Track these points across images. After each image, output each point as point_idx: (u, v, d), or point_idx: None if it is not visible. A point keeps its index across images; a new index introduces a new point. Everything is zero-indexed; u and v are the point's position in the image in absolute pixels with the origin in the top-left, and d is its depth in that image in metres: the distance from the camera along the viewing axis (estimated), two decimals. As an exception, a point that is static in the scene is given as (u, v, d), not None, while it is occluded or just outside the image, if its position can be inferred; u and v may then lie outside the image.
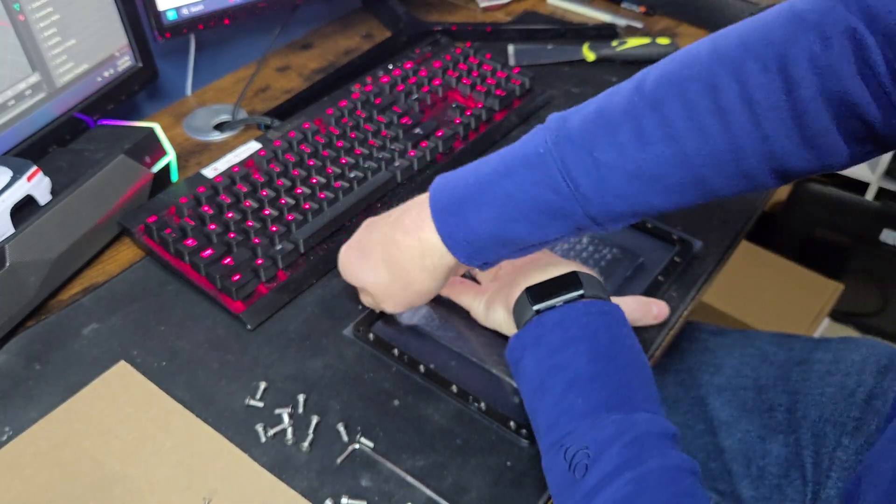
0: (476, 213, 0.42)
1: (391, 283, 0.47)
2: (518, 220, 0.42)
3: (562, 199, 0.41)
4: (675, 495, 0.36)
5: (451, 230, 0.43)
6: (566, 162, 0.40)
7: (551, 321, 0.43)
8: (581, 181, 0.40)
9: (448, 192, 0.43)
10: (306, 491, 0.43)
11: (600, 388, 0.40)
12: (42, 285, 0.52)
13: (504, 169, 0.42)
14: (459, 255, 0.43)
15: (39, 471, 0.44)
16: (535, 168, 0.41)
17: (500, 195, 0.41)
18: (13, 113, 0.57)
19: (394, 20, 0.87)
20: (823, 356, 0.61)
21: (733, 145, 0.39)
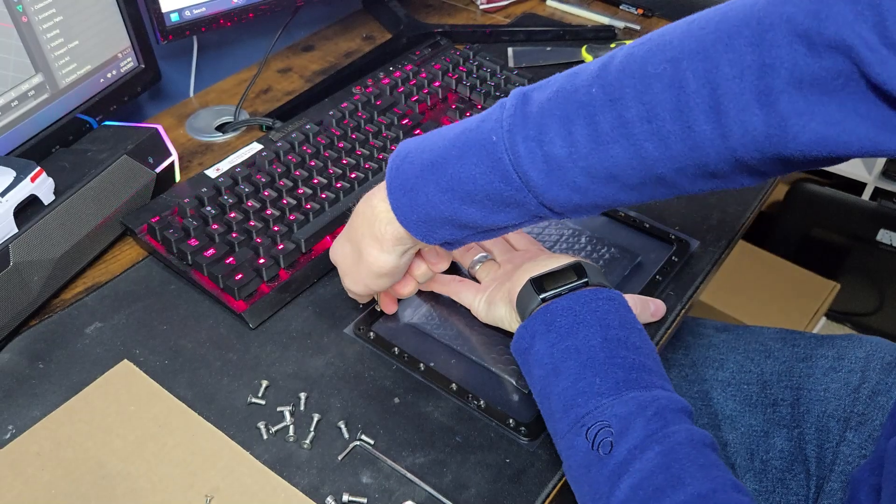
0: (427, 193, 0.41)
1: (350, 253, 0.46)
2: (470, 204, 0.40)
3: (513, 189, 0.39)
4: (703, 466, 0.36)
5: (403, 208, 0.42)
6: (517, 153, 0.38)
7: (560, 307, 0.43)
8: (532, 174, 0.39)
9: (405, 168, 0.42)
10: (307, 488, 0.43)
11: (616, 368, 0.40)
12: (45, 285, 0.53)
13: (458, 150, 0.40)
14: (415, 232, 0.42)
15: (42, 469, 0.44)
16: (487, 155, 0.39)
17: (451, 178, 0.40)
18: (16, 114, 0.58)
19: (394, 22, 0.88)
20: (827, 352, 0.62)
21: (697, 151, 0.36)
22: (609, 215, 0.61)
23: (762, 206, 0.65)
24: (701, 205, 0.63)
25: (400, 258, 0.45)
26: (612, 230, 0.60)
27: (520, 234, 0.55)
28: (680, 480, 0.35)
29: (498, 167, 0.39)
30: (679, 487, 0.35)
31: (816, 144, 0.33)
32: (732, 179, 0.38)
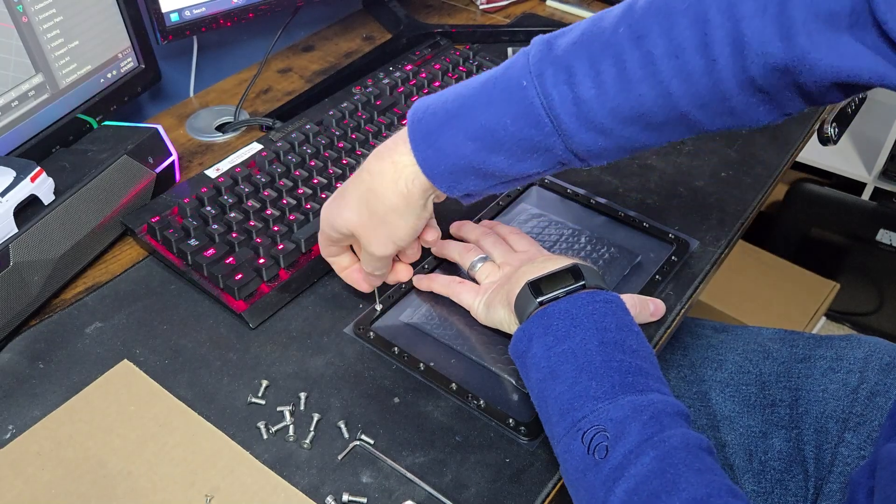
0: (454, 143, 0.41)
1: (369, 216, 0.44)
2: (497, 152, 0.41)
3: (543, 134, 0.40)
4: (699, 471, 0.36)
5: (430, 161, 0.42)
6: (549, 97, 0.39)
7: (557, 310, 0.43)
8: (563, 118, 0.39)
9: (427, 119, 0.42)
10: (307, 488, 0.43)
11: (612, 371, 0.40)
12: (45, 284, 0.53)
13: (485, 98, 0.40)
14: (440, 184, 0.43)
15: (42, 469, 0.44)
16: (516, 101, 0.40)
17: (479, 126, 0.40)
18: (17, 114, 0.58)
19: (394, 22, 0.88)
20: (826, 353, 0.62)
21: (719, 85, 0.38)
22: (609, 215, 0.61)
23: (762, 206, 0.65)
24: (701, 205, 0.63)
25: (424, 211, 0.45)
26: (612, 230, 0.60)
27: (519, 234, 0.55)
28: (675, 485, 0.35)
29: (529, 112, 0.40)
30: (674, 492, 0.35)
31: (830, 76, 0.36)
32: (750, 116, 0.40)
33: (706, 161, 0.68)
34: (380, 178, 0.44)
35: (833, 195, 1.47)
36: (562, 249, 0.58)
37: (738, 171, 0.67)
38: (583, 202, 0.63)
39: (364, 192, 0.45)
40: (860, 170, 1.49)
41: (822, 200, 1.46)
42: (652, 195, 0.64)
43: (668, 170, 0.67)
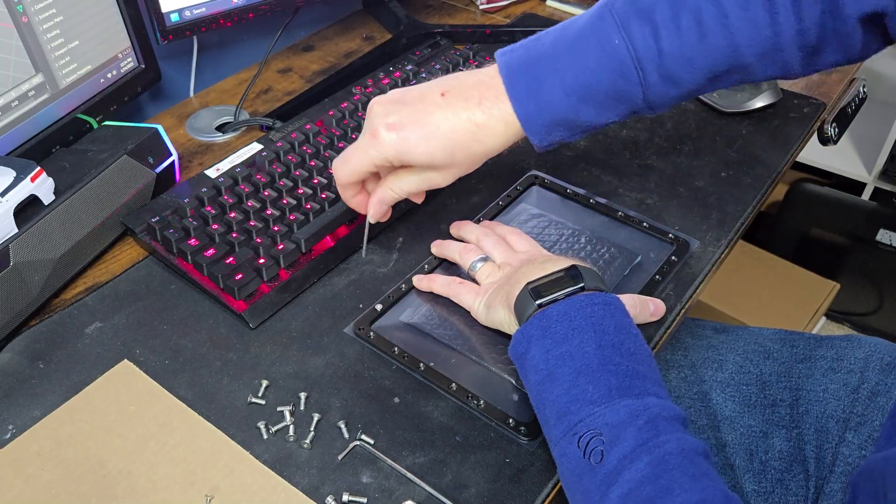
0: (552, 98, 0.44)
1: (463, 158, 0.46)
2: (589, 103, 0.45)
3: (631, 84, 0.44)
4: (694, 477, 0.36)
5: (530, 114, 0.45)
6: (637, 50, 0.43)
7: (556, 313, 0.43)
8: (648, 69, 0.44)
9: (525, 74, 0.44)
10: (307, 488, 0.43)
11: (610, 375, 0.40)
12: (45, 284, 0.53)
13: (579, 52, 0.44)
14: (535, 136, 0.46)
15: (42, 469, 0.44)
16: (608, 55, 0.44)
17: (574, 80, 0.44)
18: (17, 114, 0.58)
19: (394, 22, 0.88)
20: (826, 353, 0.62)
21: (777, 37, 0.43)
22: (609, 215, 0.61)
23: (762, 206, 0.65)
24: (701, 205, 0.63)
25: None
26: (612, 230, 0.60)
27: (520, 235, 0.55)
28: (669, 491, 0.35)
29: (621, 65, 0.44)
30: (668, 498, 0.35)
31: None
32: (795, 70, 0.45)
33: (706, 161, 0.68)
34: (486, 129, 0.46)
35: (833, 195, 1.47)
36: (562, 249, 0.58)
37: (738, 171, 0.67)
38: (583, 202, 0.63)
39: (465, 138, 0.46)
40: (860, 170, 1.49)
41: (822, 200, 1.46)
42: (652, 195, 0.64)
43: (668, 170, 0.67)
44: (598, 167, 0.67)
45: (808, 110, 0.74)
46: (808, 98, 0.76)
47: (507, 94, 0.45)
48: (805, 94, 0.76)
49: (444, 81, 0.47)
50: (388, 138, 0.45)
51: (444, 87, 0.46)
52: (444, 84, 0.46)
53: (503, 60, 0.46)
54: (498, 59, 0.46)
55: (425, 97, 0.46)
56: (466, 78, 0.47)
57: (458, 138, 0.46)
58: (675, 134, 0.71)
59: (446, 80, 0.47)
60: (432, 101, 0.46)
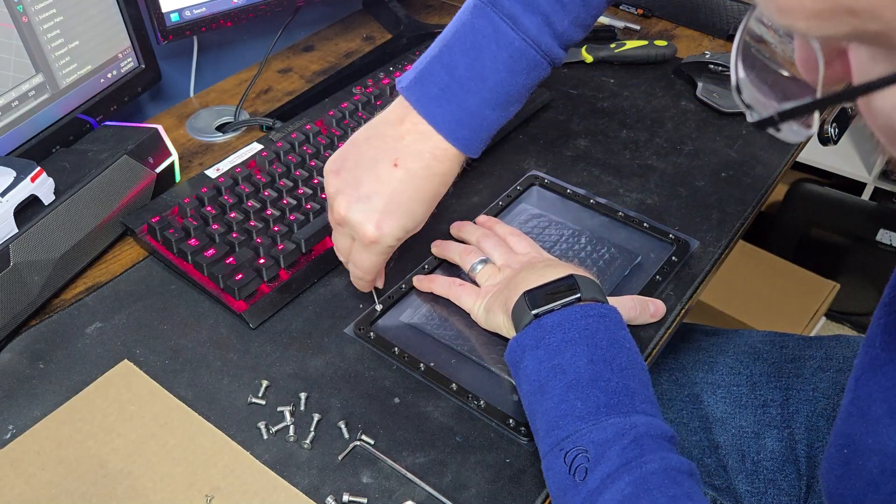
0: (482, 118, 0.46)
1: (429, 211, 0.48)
2: (513, 103, 0.47)
3: (541, 69, 0.47)
4: (675, 498, 0.36)
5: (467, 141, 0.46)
6: (540, 44, 0.45)
7: (551, 324, 0.43)
8: (553, 50, 0.46)
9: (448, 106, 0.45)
10: (308, 488, 0.43)
11: (599, 390, 0.40)
12: (46, 285, 0.53)
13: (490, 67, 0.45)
14: (474, 154, 0.48)
15: (43, 469, 0.44)
16: (517, 58, 0.45)
17: (497, 94, 0.46)
18: (17, 114, 0.58)
19: (394, 22, 0.88)
20: (815, 353, 0.62)
21: None
22: (609, 215, 0.61)
23: (762, 206, 0.65)
24: (701, 205, 0.63)
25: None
26: (612, 230, 0.60)
27: (520, 236, 0.55)
28: None
29: (530, 60, 0.46)
30: None
31: None
32: None
33: (706, 161, 0.68)
34: (448, 173, 0.47)
35: (833, 195, 1.47)
36: (562, 250, 0.58)
37: (738, 171, 0.67)
38: (583, 202, 0.63)
39: (439, 190, 0.47)
40: (860, 170, 1.49)
41: (822, 200, 1.46)
42: (652, 195, 0.64)
43: (668, 170, 0.67)
44: (598, 167, 0.67)
45: (808, 110, 0.74)
46: (808, 98, 0.76)
47: (435, 131, 0.46)
48: (805, 94, 0.76)
49: (382, 145, 0.46)
50: (384, 235, 0.46)
51: (391, 156, 0.46)
52: (386, 150, 0.46)
53: (414, 96, 0.46)
54: (408, 97, 0.46)
55: (383, 178, 0.46)
56: (402, 136, 0.46)
57: (431, 194, 0.47)
58: (675, 134, 0.71)
59: (383, 143, 0.46)
60: (394, 177, 0.46)
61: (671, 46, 0.81)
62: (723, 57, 0.74)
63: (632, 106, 0.75)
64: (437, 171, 0.46)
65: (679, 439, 0.42)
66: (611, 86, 0.78)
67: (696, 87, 0.76)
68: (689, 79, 0.78)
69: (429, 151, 0.46)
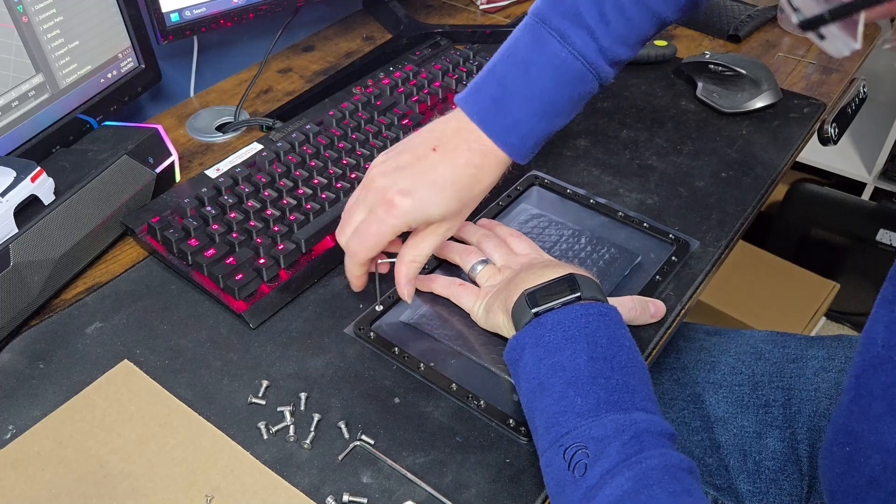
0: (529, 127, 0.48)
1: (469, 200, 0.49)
2: (559, 115, 0.49)
3: (587, 83, 0.49)
4: (674, 494, 0.36)
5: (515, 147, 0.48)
6: (585, 56, 0.47)
7: (551, 322, 0.43)
8: (598, 65, 0.48)
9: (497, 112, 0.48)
10: (308, 488, 0.43)
11: (599, 387, 0.40)
12: (46, 285, 0.53)
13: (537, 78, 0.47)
14: (523, 160, 0.49)
15: (43, 469, 0.44)
16: (563, 71, 0.47)
17: (543, 103, 0.48)
18: (17, 114, 0.58)
19: (394, 22, 0.88)
20: (818, 353, 0.62)
21: None
22: (609, 215, 0.61)
23: (762, 206, 0.65)
24: (701, 205, 0.63)
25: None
26: (612, 230, 0.60)
27: (520, 237, 0.55)
28: None
29: (576, 73, 0.48)
30: None
31: None
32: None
33: (706, 161, 0.68)
34: (483, 169, 0.48)
35: (833, 195, 1.47)
36: (562, 250, 0.58)
37: (738, 171, 0.67)
38: (583, 202, 0.63)
39: (468, 182, 0.48)
40: (860, 170, 1.49)
41: (822, 200, 1.46)
42: (652, 195, 0.64)
43: (668, 170, 0.67)
44: (598, 167, 0.67)
45: (808, 110, 0.74)
46: (808, 98, 0.76)
47: (487, 136, 0.48)
48: (805, 94, 0.76)
49: (430, 136, 0.49)
50: (405, 203, 0.46)
51: (432, 143, 0.48)
52: (430, 139, 0.48)
53: (469, 108, 0.48)
54: (463, 107, 0.49)
55: (420, 157, 0.47)
56: (445, 128, 0.49)
57: (464, 184, 0.48)
58: (675, 134, 0.71)
59: (431, 134, 0.49)
60: (429, 158, 0.47)
61: (671, 46, 0.81)
62: (723, 57, 0.74)
63: (632, 106, 0.75)
64: (473, 162, 0.47)
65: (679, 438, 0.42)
66: (611, 86, 0.78)
67: (696, 87, 0.76)
68: (689, 79, 0.78)
69: (466, 143, 0.47)
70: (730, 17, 0.87)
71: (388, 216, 0.47)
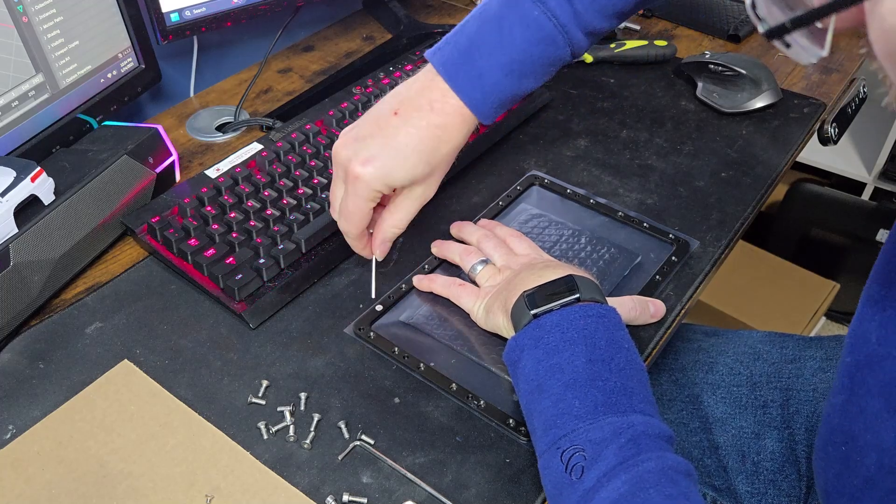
0: (494, 82, 0.47)
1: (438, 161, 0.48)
2: (527, 76, 0.48)
3: (559, 48, 0.48)
4: (671, 497, 0.36)
5: (477, 102, 0.47)
6: (558, 17, 0.47)
7: (550, 323, 0.43)
8: (571, 30, 0.48)
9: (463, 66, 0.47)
10: (308, 488, 0.43)
11: (597, 390, 0.40)
12: (46, 284, 0.53)
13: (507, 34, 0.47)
14: (486, 119, 0.48)
15: (43, 469, 0.44)
16: (535, 29, 0.47)
17: (511, 60, 0.47)
18: (17, 114, 0.58)
19: (394, 22, 0.88)
20: (815, 353, 0.62)
21: None
22: (609, 215, 0.61)
23: (762, 206, 0.65)
24: (701, 205, 0.63)
25: None
26: (612, 230, 0.60)
27: (520, 237, 0.55)
28: None
29: (547, 35, 0.47)
30: None
31: None
32: None
33: (706, 161, 0.68)
34: (447, 128, 0.47)
35: (833, 195, 1.47)
36: (562, 250, 0.58)
37: (738, 171, 0.67)
38: (583, 202, 0.63)
39: (433, 143, 0.47)
40: (860, 170, 1.49)
41: (822, 200, 1.46)
42: (652, 195, 0.64)
43: (668, 170, 0.67)
44: (598, 167, 0.67)
45: (808, 110, 0.74)
46: (808, 98, 0.76)
47: (452, 91, 0.47)
48: (805, 94, 0.76)
49: (391, 100, 0.48)
50: (367, 172, 0.47)
51: (393, 107, 0.47)
52: (391, 103, 0.48)
53: (436, 59, 0.48)
54: (431, 59, 0.48)
55: (381, 123, 0.47)
56: (408, 90, 0.48)
57: (428, 146, 0.47)
58: (675, 134, 0.71)
59: (393, 99, 0.48)
60: (389, 123, 0.47)
61: (671, 46, 0.81)
62: (723, 57, 0.74)
63: (632, 106, 0.75)
64: (434, 121, 0.47)
65: (678, 440, 0.42)
66: (611, 86, 0.78)
67: (696, 87, 0.76)
68: (689, 79, 0.78)
69: (427, 103, 0.47)
70: (730, 17, 0.87)
71: (356, 188, 0.47)
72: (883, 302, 0.39)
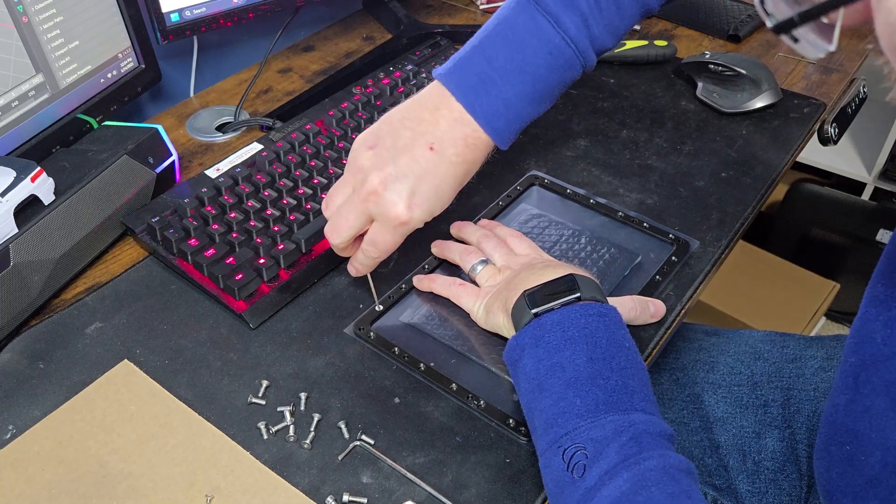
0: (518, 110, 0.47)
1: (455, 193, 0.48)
2: (546, 100, 0.49)
3: (574, 71, 0.49)
4: (673, 495, 0.36)
5: (500, 132, 0.47)
6: (576, 43, 0.47)
7: (550, 322, 0.43)
8: (587, 54, 0.48)
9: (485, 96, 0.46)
10: (308, 488, 0.43)
11: (598, 388, 0.40)
12: (46, 284, 0.53)
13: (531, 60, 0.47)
14: (505, 145, 0.48)
15: (43, 469, 0.44)
16: (556, 56, 0.47)
17: (535, 88, 0.47)
18: (17, 114, 0.58)
19: (394, 22, 0.88)
20: (816, 353, 0.62)
21: None
22: (609, 215, 0.61)
23: (762, 206, 0.65)
24: (701, 205, 0.63)
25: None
26: (612, 230, 0.60)
27: (520, 237, 0.55)
28: None
29: (567, 59, 0.48)
30: None
31: None
32: None
33: (706, 161, 0.68)
34: (477, 161, 0.48)
35: (833, 195, 1.47)
36: (562, 250, 0.58)
37: (738, 171, 0.67)
38: (583, 202, 0.63)
39: (465, 176, 0.48)
40: (860, 170, 1.49)
41: (822, 200, 1.46)
42: (652, 195, 0.64)
43: (668, 170, 0.67)
44: (598, 167, 0.67)
45: (808, 110, 0.74)
46: (808, 98, 0.76)
47: (476, 123, 0.47)
48: (805, 94, 0.76)
49: (423, 134, 0.46)
50: (416, 217, 0.46)
51: (427, 141, 0.46)
52: (425, 137, 0.46)
53: (452, 85, 0.46)
54: (446, 83, 0.47)
55: (418, 159, 0.46)
56: (438, 121, 0.46)
57: (462, 181, 0.48)
58: (675, 134, 0.71)
59: (423, 131, 0.46)
60: (428, 159, 0.46)
61: (671, 46, 0.81)
62: (723, 57, 0.74)
63: (632, 106, 0.75)
64: (468, 158, 0.47)
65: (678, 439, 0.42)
66: (611, 86, 0.78)
67: (696, 87, 0.76)
68: (689, 79, 0.78)
69: (462, 139, 0.47)
70: (730, 17, 0.87)
71: (401, 230, 0.47)
72: (888, 302, 0.39)
